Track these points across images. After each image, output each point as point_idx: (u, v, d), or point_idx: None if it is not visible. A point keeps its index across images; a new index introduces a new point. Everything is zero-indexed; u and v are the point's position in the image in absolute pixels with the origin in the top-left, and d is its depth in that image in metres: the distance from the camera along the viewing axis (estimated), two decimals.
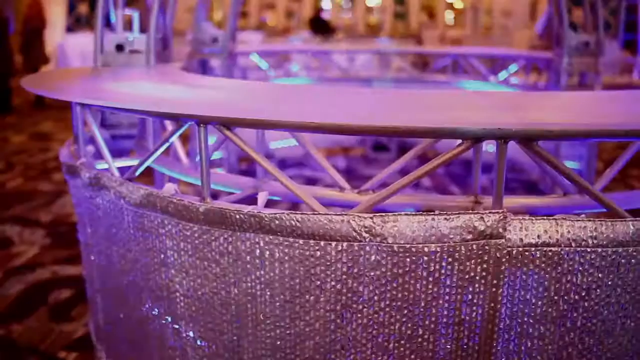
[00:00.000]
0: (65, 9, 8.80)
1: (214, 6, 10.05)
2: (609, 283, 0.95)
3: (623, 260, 0.94)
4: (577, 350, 0.97)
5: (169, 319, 1.15)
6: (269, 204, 1.11)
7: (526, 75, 3.54)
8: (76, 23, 9.42)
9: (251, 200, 1.16)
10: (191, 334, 1.12)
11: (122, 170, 1.27)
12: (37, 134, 5.00)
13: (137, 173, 1.17)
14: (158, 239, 1.11)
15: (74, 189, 1.39)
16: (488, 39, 7.85)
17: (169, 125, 1.74)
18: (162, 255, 1.11)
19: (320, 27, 9.21)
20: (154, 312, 1.17)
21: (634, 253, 0.93)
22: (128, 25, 1.87)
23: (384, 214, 0.90)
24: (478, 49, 4.36)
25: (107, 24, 1.86)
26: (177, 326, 1.14)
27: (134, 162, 1.31)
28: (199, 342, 1.11)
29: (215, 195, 1.11)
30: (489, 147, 3.60)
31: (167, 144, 1.10)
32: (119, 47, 1.80)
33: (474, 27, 11.11)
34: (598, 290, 0.95)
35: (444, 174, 3.46)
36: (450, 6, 13.76)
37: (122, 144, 1.85)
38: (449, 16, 13.61)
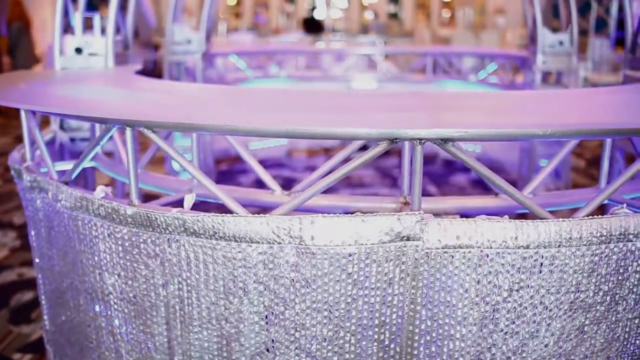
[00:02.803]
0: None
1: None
2: (532, 284, 0.94)
3: (546, 261, 0.93)
4: (501, 352, 0.97)
5: (104, 320, 1.15)
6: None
7: (505, 73, 3.53)
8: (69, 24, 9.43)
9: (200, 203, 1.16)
10: (125, 335, 1.12)
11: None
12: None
13: (73, 176, 1.17)
14: (92, 242, 1.11)
15: (21, 192, 1.39)
16: (478, 38, 7.84)
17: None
18: (96, 258, 1.11)
19: (312, 26, 9.21)
20: (91, 314, 1.18)
21: (557, 254, 0.93)
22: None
23: (301, 215, 0.90)
24: (458, 48, 4.36)
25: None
26: (111, 327, 1.14)
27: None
28: (132, 344, 1.11)
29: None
30: (468, 146, 3.57)
31: (98, 147, 1.10)
32: (78, 50, 1.81)
33: (465, 26, 11.10)
34: (521, 291, 0.95)
35: (423, 174, 3.45)
36: (448, 5, 13.74)
37: (82, 147, 1.85)
38: (445, 14, 13.60)
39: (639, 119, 1.06)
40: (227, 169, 3.41)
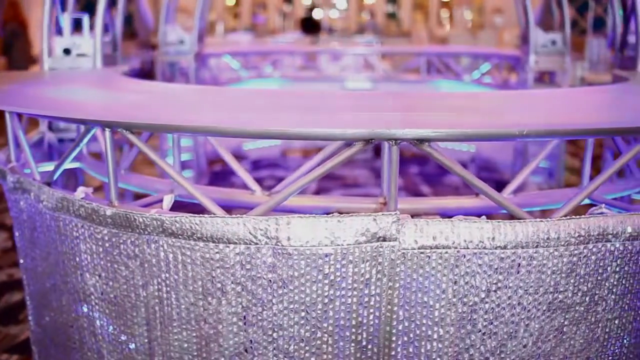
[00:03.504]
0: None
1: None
2: (510, 285, 0.94)
3: (523, 262, 0.93)
4: (480, 353, 0.97)
5: (86, 321, 1.15)
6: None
7: (500, 73, 3.53)
8: None
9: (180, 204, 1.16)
10: (106, 336, 1.12)
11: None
12: None
13: (55, 177, 1.17)
14: (73, 242, 1.11)
15: (6, 193, 1.40)
16: (476, 37, 7.84)
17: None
18: (78, 259, 1.11)
19: (310, 27, 9.21)
20: (73, 315, 1.18)
21: (535, 254, 0.93)
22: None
23: (278, 216, 0.90)
24: (452, 48, 4.36)
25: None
26: (93, 328, 1.14)
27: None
28: (113, 344, 1.11)
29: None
30: (462, 146, 3.56)
31: (79, 148, 1.10)
32: (66, 51, 1.81)
33: (463, 26, 11.09)
34: (498, 292, 0.94)
35: (417, 174, 3.46)
36: (446, 5, 13.73)
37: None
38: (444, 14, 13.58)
39: (620, 118, 1.06)
40: (221, 170, 3.41)
